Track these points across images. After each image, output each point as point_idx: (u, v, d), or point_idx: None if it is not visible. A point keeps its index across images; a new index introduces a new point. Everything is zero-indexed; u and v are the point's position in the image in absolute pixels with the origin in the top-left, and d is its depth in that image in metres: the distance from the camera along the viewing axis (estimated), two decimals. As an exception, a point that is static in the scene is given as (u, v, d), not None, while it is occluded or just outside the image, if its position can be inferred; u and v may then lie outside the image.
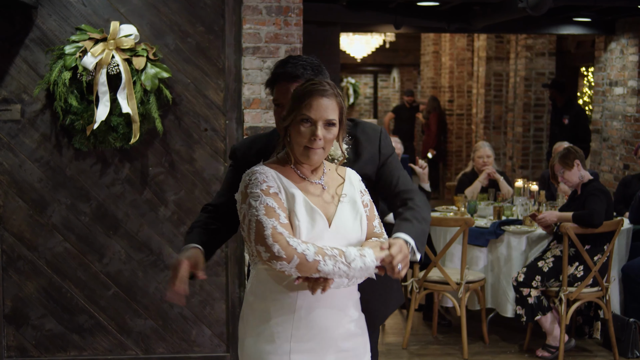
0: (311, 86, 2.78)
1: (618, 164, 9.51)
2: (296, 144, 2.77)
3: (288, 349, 2.75)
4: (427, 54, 16.68)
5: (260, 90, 5.23)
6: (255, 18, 5.22)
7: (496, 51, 13.35)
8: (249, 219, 2.68)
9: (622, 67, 9.51)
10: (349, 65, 18.99)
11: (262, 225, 2.66)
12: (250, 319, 2.82)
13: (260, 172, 2.75)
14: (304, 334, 2.76)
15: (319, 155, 2.78)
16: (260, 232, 2.66)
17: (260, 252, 2.67)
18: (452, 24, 8.66)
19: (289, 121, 2.77)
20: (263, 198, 2.69)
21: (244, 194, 2.74)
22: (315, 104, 2.74)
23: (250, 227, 2.68)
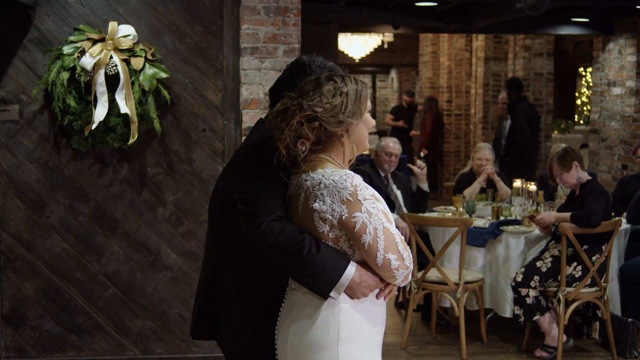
0: (367, 88, 2.84)
1: (616, 164, 9.52)
2: (359, 144, 2.84)
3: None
4: (425, 54, 16.69)
5: (259, 91, 5.24)
6: (254, 18, 5.22)
7: (494, 51, 13.35)
8: (374, 227, 2.65)
9: (620, 67, 9.51)
10: (347, 65, 18.95)
11: (390, 233, 2.68)
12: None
13: (356, 176, 2.72)
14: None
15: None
16: (391, 240, 2.68)
17: (389, 260, 2.67)
18: (450, 24, 8.66)
19: (356, 120, 2.78)
20: (377, 204, 2.70)
21: (353, 202, 2.66)
22: (369, 105, 2.85)
23: (377, 236, 2.66)
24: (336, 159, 2.81)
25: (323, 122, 2.73)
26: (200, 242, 5.36)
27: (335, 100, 2.74)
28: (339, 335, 2.73)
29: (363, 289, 2.72)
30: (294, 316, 2.82)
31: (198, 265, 5.37)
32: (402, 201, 7.10)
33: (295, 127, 2.72)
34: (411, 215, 6.23)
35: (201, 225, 5.36)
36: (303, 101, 2.74)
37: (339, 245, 2.75)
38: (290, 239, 2.69)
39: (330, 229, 2.71)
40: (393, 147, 7.03)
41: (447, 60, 15.23)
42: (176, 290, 5.40)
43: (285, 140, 2.73)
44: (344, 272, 2.69)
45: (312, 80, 2.81)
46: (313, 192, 2.71)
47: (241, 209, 2.80)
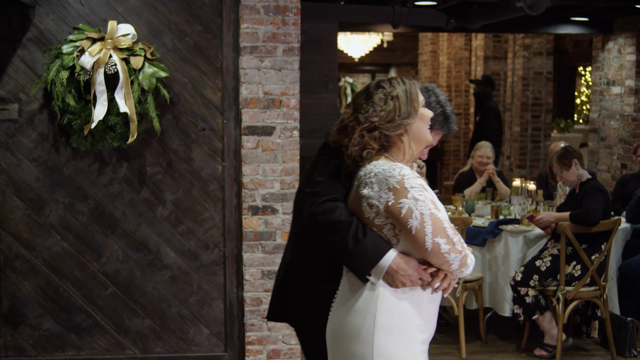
0: (415, 85, 2.97)
1: (616, 163, 9.52)
2: (420, 142, 2.96)
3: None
4: (424, 54, 16.68)
5: (258, 90, 5.24)
6: (253, 17, 5.22)
7: (494, 50, 13.35)
8: (420, 213, 2.74)
9: (619, 66, 9.51)
10: (346, 64, 19.00)
11: (437, 218, 2.77)
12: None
13: (405, 167, 2.84)
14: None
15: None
16: (439, 225, 2.76)
17: (439, 244, 2.75)
18: (449, 23, 8.66)
19: (413, 119, 2.90)
20: (425, 192, 2.80)
21: (400, 189, 2.76)
22: (422, 99, 2.99)
23: (424, 220, 2.74)
24: (397, 157, 2.93)
25: (382, 130, 2.87)
26: (200, 242, 5.37)
27: (388, 106, 2.87)
28: (376, 323, 2.80)
29: (401, 277, 2.80)
30: (337, 302, 2.96)
31: (197, 264, 5.38)
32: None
33: (358, 140, 2.88)
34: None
35: (200, 225, 5.36)
36: (359, 115, 2.89)
37: (383, 233, 2.85)
38: (339, 218, 2.86)
39: (376, 216, 2.83)
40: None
41: (447, 60, 15.22)
42: (175, 289, 5.40)
43: (352, 154, 2.90)
44: (383, 257, 2.80)
45: (362, 92, 2.96)
46: (364, 179, 2.84)
47: (307, 190, 3.02)
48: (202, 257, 5.39)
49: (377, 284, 2.82)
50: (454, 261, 2.78)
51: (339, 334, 2.90)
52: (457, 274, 2.86)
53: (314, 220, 2.92)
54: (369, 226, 2.86)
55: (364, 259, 2.81)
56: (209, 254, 5.39)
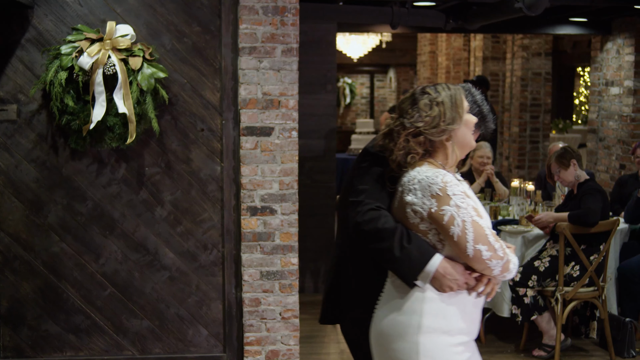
0: (460, 91, 3.02)
1: (614, 164, 9.53)
2: (465, 145, 3.02)
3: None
4: (423, 54, 16.70)
5: (257, 90, 5.24)
6: (252, 18, 5.22)
7: (492, 51, 13.36)
8: (462, 220, 2.81)
9: (618, 67, 9.52)
10: (345, 65, 18.99)
11: (479, 225, 2.83)
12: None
13: (447, 174, 2.89)
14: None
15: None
16: (480, 232, 2.83)
17: (480, 251, 2.80)
18: (448, 23, 8.66)
19: (457, 124, 2.96)
20: (467, 200, 2.85)
21: (443, 197, 2.82)
22: (467, 105, 3.05)
23: (466, 228, 2.81)
24: (440, 162, 2.99)
25: (427, 135, 2.93)
26: (198, 242, 5.37)
27: (433, 112, 2.93)
28: (421, 324, 2.87)
29: (449, 282, 2.86)
30: (383, 302, 3.02)
31: (196, 265, 5.38)
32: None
33: (403, 145, 2.94)
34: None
35: (199, 225, 5.36)
36: (404, 120, 2.95)
37: (428, 238, 2.91)
38: (383, 226, 2.91)
39: (420, 221, 2.89)
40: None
41: (445, 60, 15.23)
42: (174, 290, 5.40)
43: (397, 159, 2.95)
44: (429, 262, 2.86)
45: (408, 98, 3.02)
46: (407, 186, 2.90)
47: (350, 200, 3.06)
48: (201, 257, 5.39)
49: (424, 288, 2.89)
50: (496, 267, 2.86)
51: (384, 333, 2.96)
52: (499, 278, 2.93)
53: (359, 230, 2.97)
54: (414, 232, 2.92)
55: (411, 265, 2.87)
56: (207, 255, 5.39)
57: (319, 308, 3.56)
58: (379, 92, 21.79)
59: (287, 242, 5.31)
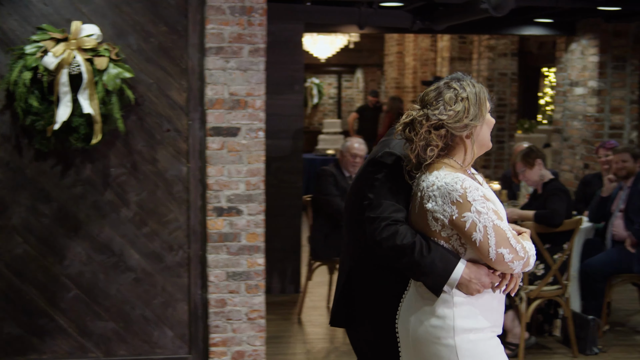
0: (484, 89, 3.03)
1: (578, 164, 9.63)
2: (483, 144, 3.04)
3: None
4: (390, 55, 16.75)
5: (224, 91, 5.23)
6: (219, 18, 5.21)
7: (459, 52, 13.43)
8: (484, 225, 2.83)
9: (582, 67, 9.62)
10: (313, 65, 18.99)
11: (501, 229, 2.86)
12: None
13: (467, 179, 2.90)
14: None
15: None
16: (502, 235, 2.86)
17: (502, 255, 2.85)
18: (415, 24, 8.70)
19: (479, 122, 2.98)
20: (487, 203, 2.87)
21: (463, 203, 2.84)
22: (489, 105, 3.05)
23: (487, 232, 2.84)
24: (457, 160, 3.00)
25: (449, 128, 2.94)
26: (164, 243, 5.34)
27: (458, 107, 2.93)
28: (455, 327, 2.92)
29: (475, 285, 2.91)
30: (413, 308, 3.03)
31: (162, 266, 5.36)
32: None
33: (424, 136, 2.94)
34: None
35: (165, 226, 5.34)
36: (428, 111, 2.95)
37: (450, 244, 2.94)
38: (402, 242, 2.92)
39: (442, 228, 2.91)
40: (358, 148, 7.06)
41: (413, 61, 15.29)
42: (139, 291, 5.38)
43: (416, 149, 2.96)
44: (454, 271, 2.90)
45: (433, 90, 3.01)
46: (427, 192, 2.92)
47: (366, 214, 3.05)
48: (167, 258, 5.37)
49: (451, 292, 2.93)
50: (517, 267, 2.92)
51: (421, 339, 2.99)
52: (521, 272, 2.99)
53: (380, 247, 2.98)
54: (434, 240, 2.94)
55: (435, 276, 2.91)
56: (173, 256, 5.37)
57: (286, 308, 3.58)
58: (347, 92, 21.81)
59: (253, 242, 5.31)
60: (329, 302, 7.50)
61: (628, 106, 9.37)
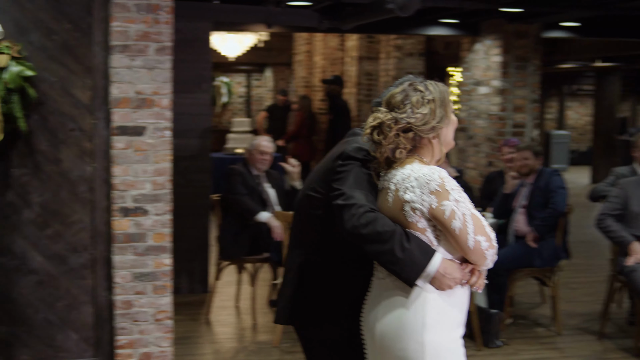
0: (448, 90, 3.11)
1: (482, 161, 9.85)
2: (447, 144, 3.10)
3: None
4: (300, 54, 16.79)
5: (129, 89, 5.16)
6: (124, 15, 5.13)
7: (367, 51, 13.56)
8: (463, 213, 2.88)
9: (486, 67, 9.84)
10: (222, 64, 18.88)
11: (477, 217, 2.93)
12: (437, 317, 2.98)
13: (442, 170, 2.96)
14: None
15: None
16: (479, 223, 2.92)
17: (480, 242, 2.90)
18: (323, 23, 8.75)
19: (445, 123, 3.05)
20: (462, 193, 2.93)
21: (442, 192, 2.88)
22: (452, 105, 3.13)
23: (466, 220, 2.89)
24: (425, 159, 3.05)
25: (417, 131, 2.99)
26: (68, 245, 5.24)
27: (425, 109, 2.99)
28: (425, 322, 2.93)
29: (448, 280, 2.94)
30: (381, 303, 3.03)
31: (65, 269, 5.25)
32: (276, 200, 7.14)
33: (393, 139, 2.98)
34: (284, 214, 6.27)
35: (69, 227, 5.24)
36: (396, 114, 2.99)
37: (425, 235, 2.96)
38: (383, 228, 2.92)
39: (419, 219, 2.93)
40: (266, 146, 7.07)
41: (321, 60, 15.36)
42: (42, 294, 5.26)
43: (385, 152, 3.00)
44: (430, 262, 2.92)
45: (399, 93, 3.05)
46: (403, 184, 2.94)
47: (338, 203, 3.03)
48: (71, 260, 5.26)
49: (423, 287, 2.94)
50: (490, 256, 2.98)
51: (389, 333, 3.00)
52: (485, 267, 3.05)
53: (356, 233, 2.95)
54: (411, 231, 2.95)
55: (413, 266, 2.91)
56: (77, 258, 5.27)
57: (194, 308, 3.56)
58: (256, 91, 21.77)
59: (160, 242, 5.25)
60: (238, 301, 7.48)
61: (530, 105, 9.63)
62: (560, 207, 6.74)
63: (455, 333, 3.01)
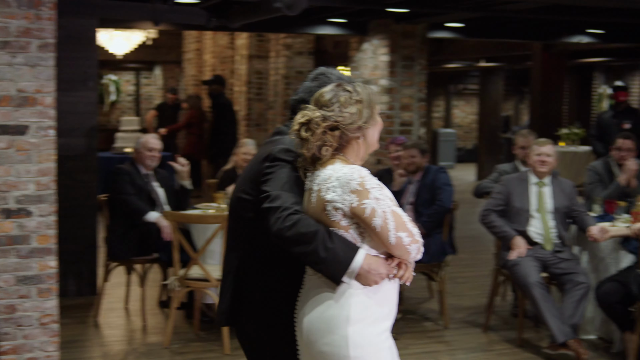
0: (374, 92, 3.17)
1: (370, 159, 9.98)
2: (372, 145, 3.15)
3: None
4: (189, 52, 16.68)
5: (10, 87, 5.00)
6: (4, 11, 4.97)
7: (257, 49, 13.58)
8: (383, 211, 2.92)
9: (374, 66, 9.98)
10: (110, 61, 18.57)
11: (398, 214, 2.97)
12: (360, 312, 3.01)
13: (363, 169, 3.01)
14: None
15: None
16: (400, 220, 2.96)
17: (401, 238, 2.94)
18: (210, 21, 8.70)
19: (371, 124, 3.10)
20: (383, 190, 2.98)
21: (362, 191, 2.92)
22: (378, 107, 3.19)
23: (387, 217, 2.92)
24: (350, 159, 3.10)
25: (344, 130, 3.05)
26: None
27: (352, 109, 3.05)
28: (349, 316, 2.98)
29: (373, 276, 2.99)
30: (310, 299, 3.08)
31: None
32: (165, 199, 7.06)
33: (320, 136, 3.03)
34: (173, 213, 6.21)
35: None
36: (325, 113, 3.04)
37: (349, 233, 3.01)
38: (307, 229, 2.96)
39: (342, 218, 2.98)
40: (154, 142, 6.99)
41: (211, 58, 15.29)
42: None
43: (312, 149, 3.04)
44: (354, 260, 2.97)
45: (328, 92, 3.10)
46: (325, 185, 2.99)
47: (266, 206, 3.07)
48: (-51, 264, 5.07)
49: (350, 283, 2.98)
50: (414, 250, 3.01)
51: (314, 329, 3.03)
52: (414, 260, 3.08)
53: (281, 236, 3.00)
54: (335, 230, 3.00)
55: (337, 265, 2.96)
56: (-44, 261, 5.08)
57: (82, 311, 3.49)
58: (145, 89, 21.47)
59: (45, 244, 5.11)
60: (127, 303, 7.37)
61: (416, 104, 9.83)
62: (447, 203, 6.90)
63: (381, 327, 3.06)
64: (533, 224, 6.43)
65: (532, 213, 6.43)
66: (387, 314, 3.10)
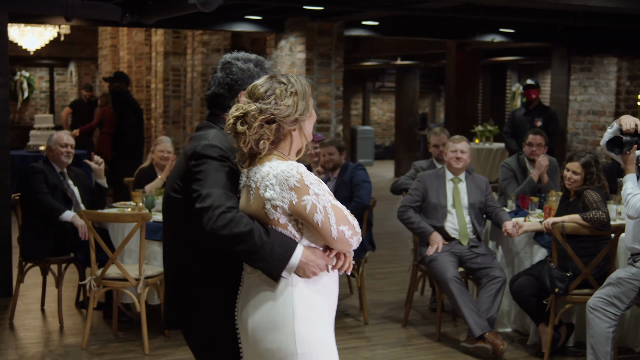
0: (309, 84, 3.13)
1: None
2: (307, 137, 3.11)
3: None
4: (104, 48, 16.43)
5: None
6: None
7: (174, 46, 13.47)
8: (323, 206, 2.92)
9: (291, 64, 10.01)
10: (22, 57, 18.14)
11: (338, 208, 2.98)
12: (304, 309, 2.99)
13: (300, 165, 2.97)
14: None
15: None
16: (340, 214, 2.97)
17: (343, 232, 2.95)
18: (125, 17, 8.58)
19: (306, 116, 3.08)
20: (322, 185, 2.96)
21: (301, 188, 2.91)
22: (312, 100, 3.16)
23: (327, 212, 2.93)
24: (284, 152, 3.06)
25: (281, 123, 3.01)
26: None
27: (288, 101, 3.02)
28: (294, 313, 2.97)
29: (312, 268, 2.98)
30: (251, 298, 3.06)
31: None
32: (80, 198, 6.94)
33: (257, 130, 2.98)
34: (89, 212, 6.11)
35: None
36: (261, 105, 3.00)
37: (288, 230, 2.99)
38: (241, 228, 2.92)
39: (280, 215, 2.96)
40: (67, 138, 6.87)
41: (127, 54, 15.10)
42: None
43: (249, 143, 2.99)
44: (292, 255, 2.96)
45: (263, 84, 3.06)
46: (263, 182, 2.95)
47: (197, 206, 3.01)
48: None
49: (290, 278, 2.98)
50: (355, 242, 3.02)
51: (259, 327, 3.01)
52: (352, 251, 3.09)
53: (216, 236, 2.95)
54: (271, 227, 2.98)
55: (275, 261, 2.94)
56: None
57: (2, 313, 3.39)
58: (60, 86, 21.05)
59: (-46, 245, 4.99)
60: (44, 304, 7.22)
61: (334, 101, 9.90)
62: (365, 200, 6.95)
63: (325, 320, 3.06)
64: (449, 219, 6.54)
65: (448, 209, 6.54)
66: (330, 307, 3.11)
